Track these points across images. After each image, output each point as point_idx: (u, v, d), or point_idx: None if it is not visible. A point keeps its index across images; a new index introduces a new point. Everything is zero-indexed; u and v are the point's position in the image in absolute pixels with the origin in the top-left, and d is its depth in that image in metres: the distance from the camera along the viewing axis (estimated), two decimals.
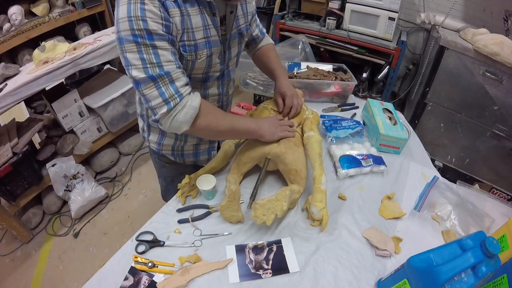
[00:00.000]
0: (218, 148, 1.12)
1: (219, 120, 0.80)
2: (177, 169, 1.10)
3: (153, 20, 0.64)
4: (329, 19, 2.28)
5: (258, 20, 1.07)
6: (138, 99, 0.98)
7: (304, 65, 1.53)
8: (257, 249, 0.79)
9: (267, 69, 1.11)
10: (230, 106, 1.12)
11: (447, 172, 2.01)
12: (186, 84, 0.73)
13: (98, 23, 2.48)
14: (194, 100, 0.73)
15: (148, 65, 0.66)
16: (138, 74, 0.67)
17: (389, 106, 1.22)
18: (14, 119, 1.88)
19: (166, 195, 1.23)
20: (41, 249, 1.79)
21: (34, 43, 1.83)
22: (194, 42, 0.75)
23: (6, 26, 1.73)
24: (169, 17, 0.67)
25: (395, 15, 2.04)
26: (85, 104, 2.02)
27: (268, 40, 1.13)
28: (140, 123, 1.05)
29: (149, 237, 0.81)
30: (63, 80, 2.00)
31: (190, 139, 1.02)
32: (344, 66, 1.51)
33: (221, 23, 0.80)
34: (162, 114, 0.71)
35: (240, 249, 0.79)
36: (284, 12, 2.61)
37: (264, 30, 1.13)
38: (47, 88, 1.76)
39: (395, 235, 0.82)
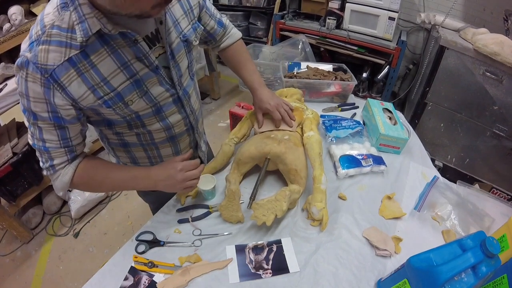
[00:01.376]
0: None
1: (99, 187, 0.77)
2: (161, 194, 0.91)
3: (36, 100, 0.58)
4: (329, 19, 2.28)
5: (212, 8, 0.87)
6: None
7: (304, 65, 1.53)
8: (257, 249, 0.79)
9: (241, 76, 1.00)
10: (201, 119, 0.99)
11: (447, 172, 2.01)
12: (66, 160, 0.69)
13: None
14: (64, 176, 0.69)
15: (34, 137, 0.65)
16: (29, 139, 0.68)
17: (389, 106, 1.22)
18: (14, 119, 1.88)
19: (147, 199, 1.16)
20: (41, 249, 1.79)
21: None
22: (115, 92, 0.63)
23: (6, 26, 1.72)
24: (51, 98, 0.58)
25: (395, 15, 2.04)
26: None
27: (234, 35, 0.97)
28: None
29: (149, 237, 0.81)
30: None
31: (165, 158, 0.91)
32: (344, 66, 1.51)
33: (156, 38, 0.67)
34: (45, 174, 0.73)
35: (240, 249, 0.79)
36: (284, 12, 2.62)
37: (225, 20, 0.93)
38: None
39: (395, 235, 0.82)
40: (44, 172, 0.70)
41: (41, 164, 0.70)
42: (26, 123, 0.66)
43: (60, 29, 0.55)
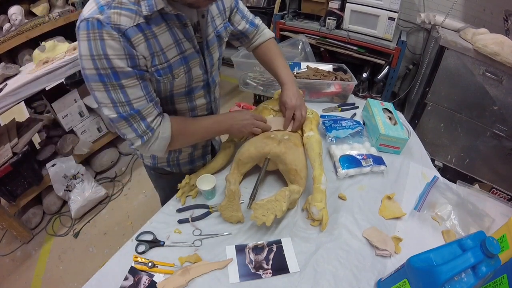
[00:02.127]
0: (213, 152, 1.11)
1: (192, 136, 0.85)
2: (174, 179, 1.05)
3: (117, 56, 0.60)
4: (329, 19, 2.28)
5: (245, 10, 0.97)
6: None
7: (304, 65, 1.53)
8: (257, 249, 0.79)
9: (273, 72, 1.05)
10: (219, 110, 1.06)
11: (447, 172, 2.01)
12: (158, 115, 0.72)
13: None
14: (165, 131, 0.74)
15: (118, 104, 0.65)
16: (110, 113, 0.66)
17: (389, 106, 1.22)
18: (14, 119, 1.88)
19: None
20: (41, 249, 1.79)
21: (34, 43, 1.82)
22: (168, 63, 0.70)
23: (6, 26, 1.72)
24: (132, 49, 0.62)
25: (395, 15, 2.04)
26: (85, 104, 2.02)
27: (266, 34, 1.05)
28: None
29: (149, 237, 0.81)
30: (63, 80, 2.00)
31: (184, 148, 0.99)
32: (344, 66, 1.51)
33: (196, 29, 0.76)
34: (137, 146, 0.73)
35: (240, 249, 0.79)
36: (284, 12, 2.62)
37: (257, 21, 1.03)
38: (47, 88, 1.76)
39: (395, 235, 0.82)
40: (139, 142, 0.70)
41: (130, 136, 0.70)
42: (102, 94, 0.63)
43: (129, 0, 0.61)
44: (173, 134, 0.76)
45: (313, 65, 1.52)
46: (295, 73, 1.46)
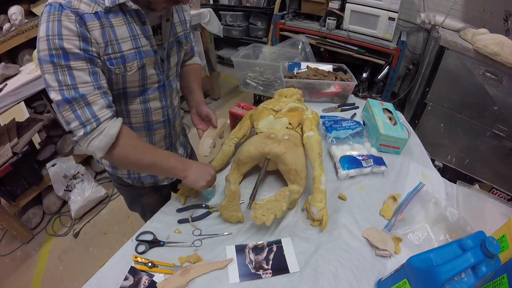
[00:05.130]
0: None
1: (140, 154, 0.75)
2: (134, 192, 1.05)
3: (69, 37, 0.62)
4: (329, 19, 2.28)
5: (191, 34, 0.99)
6: None
7: (304, 65, 1.53)
8: (257, 249, 0.79)
9: (188, 89, 1.05)
10: (180, 120, 1.03)
11: (447, 173, 2.01)
12: (107, 107, 0.69)
13: None
14: (112, 127, 0.69)
15: (64, 87, 0.64)
16: (55, 96, 0.64)
17: (389, 106, 1.22)
18: (14, 119, 1.88)
19: (133, 209, 1.19)
20: (41, 249, 1.79)
21: (34, 43, 1.82)
22: (121, 54, 0.71)
23: (6, 26, 1.72)
24: (86, 32, 0.63)
25: (395, 15, 2.04)
26: None
27: (196, 59, 1.10)
28: None
29: (149, 237, 0.81)
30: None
31: None
32: (344, 66, 1.51)
33: (156, 32, 0.79)
34: (79, 137, 0.68)
35: (240, 249, 0.79)
36: (284, 12, 2.62)
37: (196, 48, 1.09)
38: None
39: (395, 235, 0.82)
40: (81, 132, 0.66)
41: (73, 125, 0.66)
42: (50, 76, 0.63)
43: None
44: (120, 137, 0.70)
45: (313, 65, 1.52)
46: (295, 73, 1.46)
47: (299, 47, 2.32)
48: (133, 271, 0.73)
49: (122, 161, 0.76)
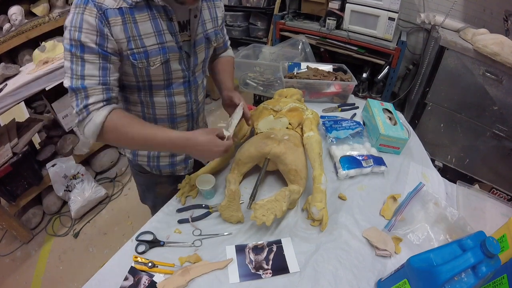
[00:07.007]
0: None
1: (130, 133, 0.73)
2: (152, 179, 1.07)
3: (88, 31, 0.65)
4: (329, 19, 2.28)
5: (225, 30, 1.03)
6: None
7: (304, 65, 1.53)
8: (257, 249, 0.79)
9: (220, 78, 1.06)
10: (203, 115, 1.06)
11: (447, 173, 2.01)
12: (103, 100, 0.70)
13: None
14: (98, 117, 0.69)
15: (74, 76, 0.68)
16: (66, 82, 0.69)
17: (389, 106, 1.22)
18: (14, 119, 1.88)
19: (144, 200, 1.21)
20: (41, 249, 1.79)
21: (34, 43, 1.82)
22: (144, 49, 0.73)
23: (6, 26, 1.72)
24: (104, 29, 0.66)
25: (395, 15, 2.04)
26: None
27: (229, 52, 1.11)
28: None
29: (149, 237, 0.81)
30: (63, 80, 2.00)
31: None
32: (344, 66, 1.51)
33: (184, 28, 0.80)
34: (76, 123, 0.73)
35: (240, 249, 0.79)
36: (284, 12, 2.61)
37: (228, 43, 1.10)
38: (47, 88, 1.75)
39: (395, 235, 0.82)
40: (77, 119, 0.71)
41: (74, 111, 0.71)
42: (67, 63, 0.68)
43: None
44: (106, 124, 0.70)
45: (313, 65, 1.52)
46: (295, 73, 1.46)
47: (299, 47, 2.31)
48: (133, 271, 0.73)
49: (114, 142, 0.77)
